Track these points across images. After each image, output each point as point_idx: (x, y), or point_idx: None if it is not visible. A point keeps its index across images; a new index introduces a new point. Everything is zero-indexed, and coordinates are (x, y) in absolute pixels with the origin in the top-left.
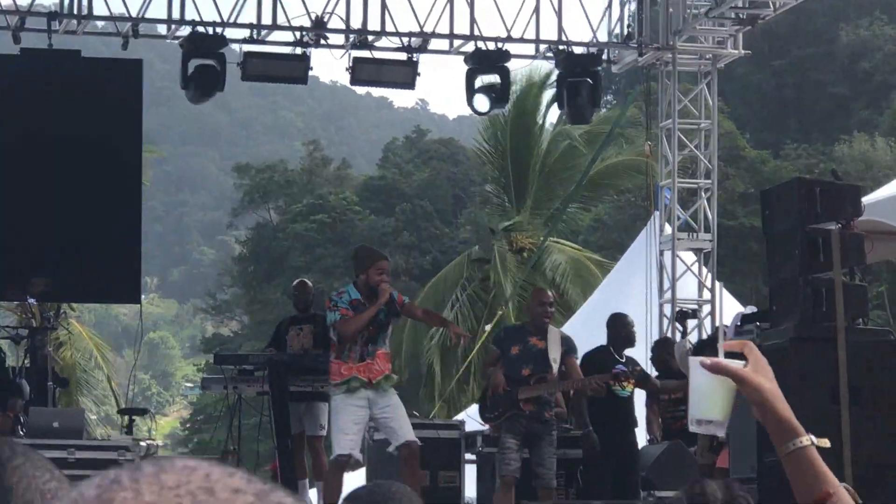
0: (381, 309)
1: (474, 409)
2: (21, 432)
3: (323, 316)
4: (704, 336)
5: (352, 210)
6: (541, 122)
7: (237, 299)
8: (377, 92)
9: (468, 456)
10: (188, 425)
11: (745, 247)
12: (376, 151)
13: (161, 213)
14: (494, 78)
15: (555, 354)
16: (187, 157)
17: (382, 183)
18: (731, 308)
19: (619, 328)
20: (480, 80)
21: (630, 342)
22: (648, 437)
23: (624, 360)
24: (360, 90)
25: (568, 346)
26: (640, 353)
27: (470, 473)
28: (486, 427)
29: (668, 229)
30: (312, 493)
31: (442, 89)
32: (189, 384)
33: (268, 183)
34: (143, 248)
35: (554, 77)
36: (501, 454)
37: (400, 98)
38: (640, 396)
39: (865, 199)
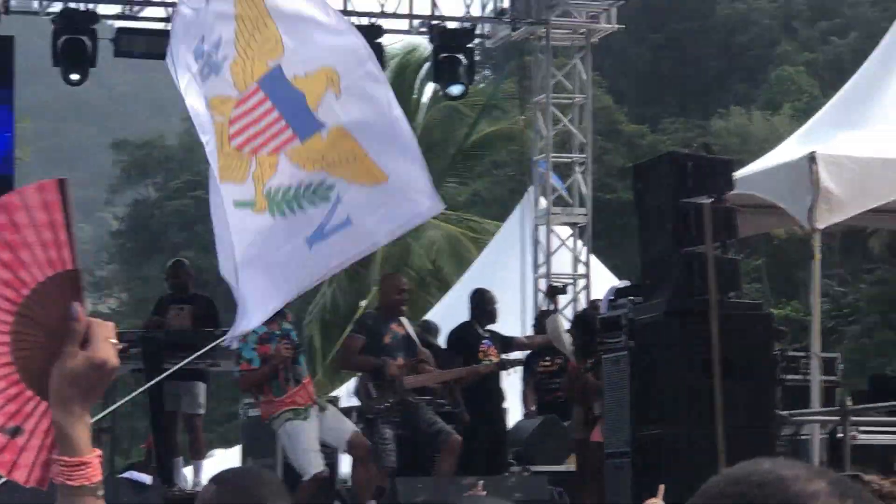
0: (289, 328)
1: (351, 385)
2: None
3: (205, 297)
4: (579, 310)
5: None
6: (416, 96)
7: (115, 276)
8: None
9: None
10: None
11: (624, 221)
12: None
13: None
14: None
15: (414, 336)
16: (65, 133)
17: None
18: (607, 281)
19: (483, 303)
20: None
21: (493, 318)
22: (524, 411)
23: (488, 335)
24: None
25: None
26: (516, 327)
27: None
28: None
29: (542, 204)
30: (187, 471)
31: None
32: None
33: (146, 159)
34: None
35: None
36: (383, 444)
37: None
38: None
39: (740, 173)
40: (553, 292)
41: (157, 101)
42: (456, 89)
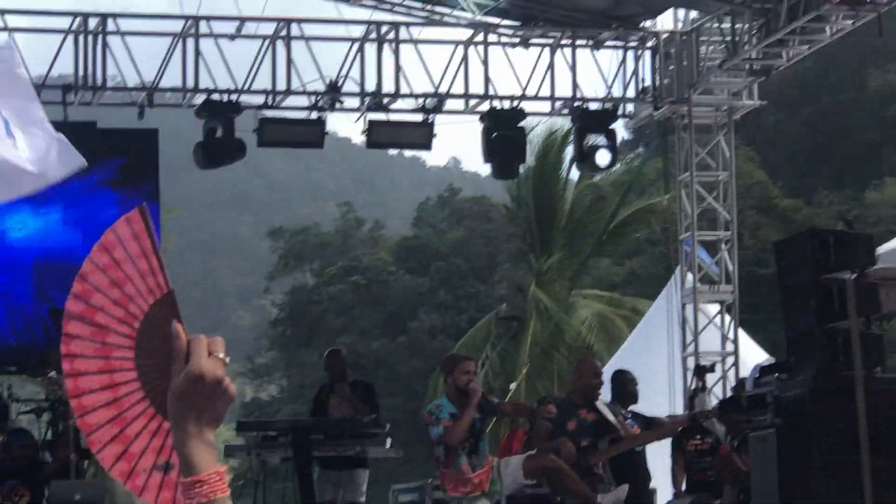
0: (476, 417)
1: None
2: None
3: (363, 382)
4: (729, 387)
5: (387, 271)
6: (564, 177)
7: (275, 363)
8: (408, 151)
9: None
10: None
11: (778, 296)
12: (410, 211)
13: (197, 278)
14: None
15: (611, 418)
16: (220, 221)
17: (416, 242)
18: (757, 358)
19: (624, 385)
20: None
21: (634, 398)
22: (673, 491)
23: (630, 416)
24: (393, 150)
25: (614, 410)
26: (664, 407)
27: None
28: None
29: (689, 282)
30: None
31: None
32: None
33: (302, 246)
34: (180, 314)
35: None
36: None
37: (432, 157)
38: (665, 449)
39: (886, 246)
40: (701, 372)
41: (313, 187)
42: (603, 161)
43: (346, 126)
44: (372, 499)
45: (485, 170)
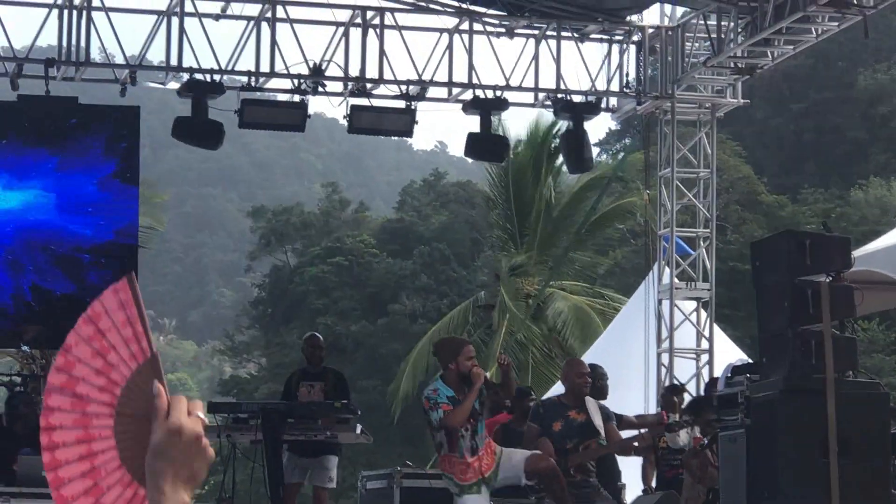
0: (477, 398)
1: None
2: None
3: (335, 371)
4: (702, 384)
5: (369, 253)
6: (545, 168)
7: (255, 341)
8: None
9: None
10: None
11: None
12: (394, 194)
13: (180, 255)
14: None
15: (598, 422)
16: (207, 198)
17: (400, 226)
18: (731, 355)
19: (593, 379)
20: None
21: (603, 394)
22: (643, 487)
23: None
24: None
25: (606, 413)
26: (639, 401)
27: None
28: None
29: (666, 278)
30: None
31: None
32: None
33: (284, 226)
34: (161, 290)
35: (561, 125)
36: None
37: (419, 140)
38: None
39: (864, 250)
40: (675, 392)
41: (299, 167)
42: (580, 164)
43: (336, 108)
44: (343, 481)
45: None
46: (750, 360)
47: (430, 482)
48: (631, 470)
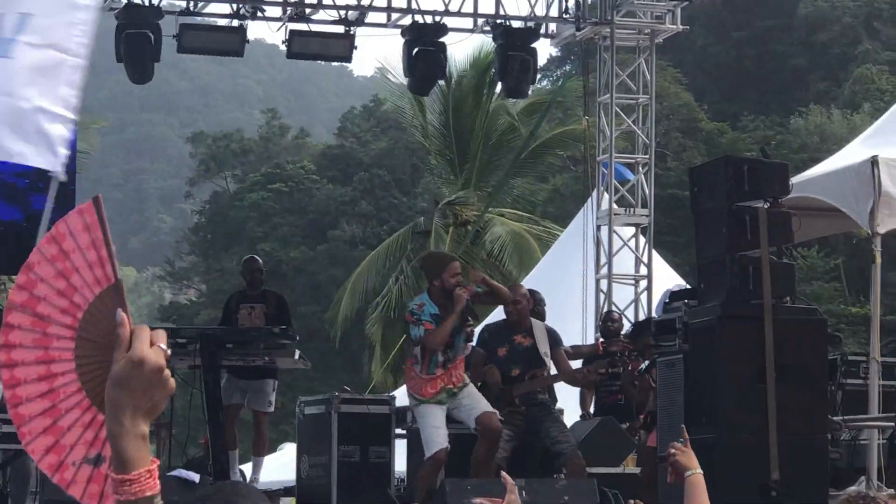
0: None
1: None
2: None
3: (275, 293)
4: (641, 310)
5: (309, 179)
6: (484, 95)
7: (195, 267)
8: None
9: (398, 431)
10: None
11: None
12: (335, 120)
13: (120, 181)
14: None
15: (545, 349)
16: (147, 124)
17: (340, 152)
18: (670, 281)
19: (532, 304)
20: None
21: (541, 318)
22: (581, 412)
23: None
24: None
25: (553, 338)
26: (577, 327)
27: (400, 449)
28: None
29: (605, 205)
30: (246, 468)
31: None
32: None
33: (224, 152)
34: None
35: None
36: None
37: (360, 66)
38: None
39: (803, 176)
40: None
41: (240, 93)
42: (520, 89)
43: (274, 32)
44: (284, 407)
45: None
46: (688, 286)
47: (369, 407)
48: (569, 396)
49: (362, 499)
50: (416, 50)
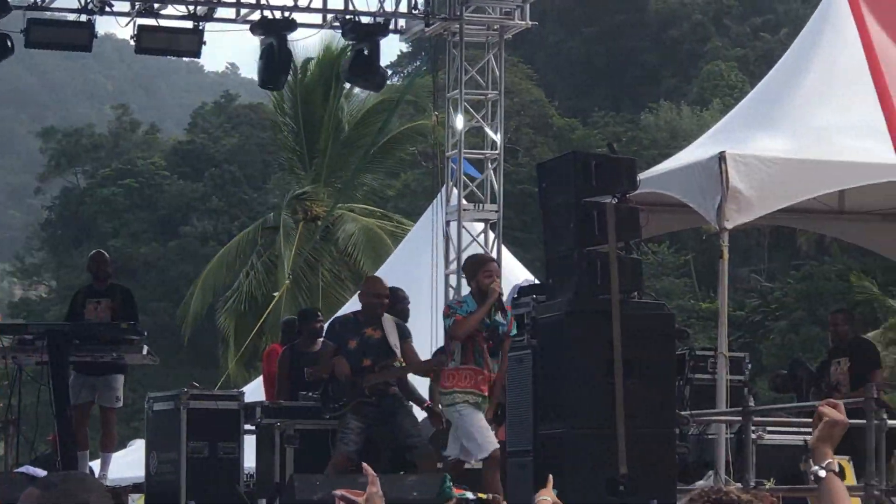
0: (500, 322)
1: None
2: None
3: (121, 287)
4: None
5: (160, 175)
6: (333, 91)
7: (45, 263)
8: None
9: (247, 427)
10: None
11: None
12: (186, 116)
13: None
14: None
15: (394, 341)
16: None
17: (191, 148)
18: (519, 277)
19: (393, 303)
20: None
21: (404, 317)
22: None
23: None
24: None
25: (402, 331)
26: (427, 322)
27: (249, 444)
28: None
29: (454, 200)
30: (95, 465)
31: (254, 54)
32: None
33: (74, 147)
34: None
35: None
36: (343, 433)
37: (211, 62)
38: None
39: (651, 171)
40: None
41: (90, 88)
42: (370, 85)
43: (123, 27)
44: (134, 404)
45: None
46: (537, 282)
47: (217, 403)
48: (420, 390)
49: (211, 494)
50: (265, 45)
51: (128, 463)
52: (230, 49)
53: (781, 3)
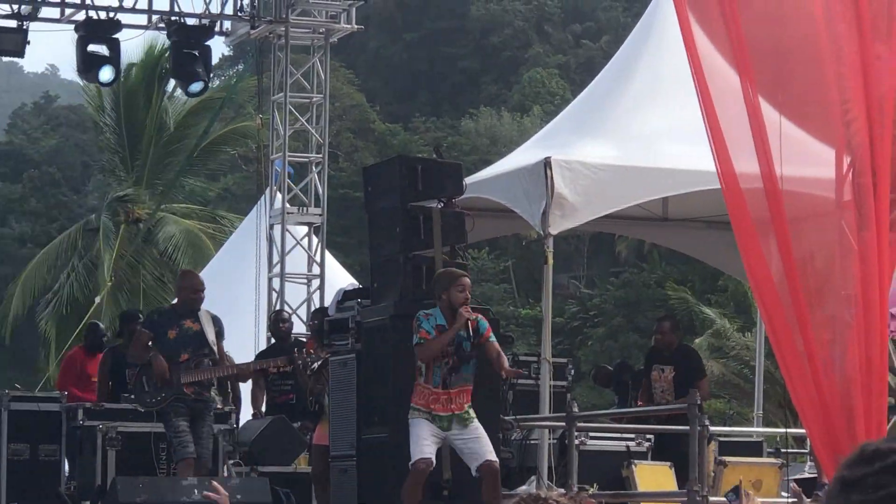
0: (466, 338)
1: None
2: None
3: None
4: (313, 308)
5: None
6: (155, 92)
7: None
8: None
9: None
10: None
11: None
12: (4, 117)
13: None
14: (103, 49)
15: (211, 336)
16: None
17: (10, 149)
18: (342, 281)
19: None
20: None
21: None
22: (253, 411)
23: None
24: None
25: (219, 327)
26: (250, 325)
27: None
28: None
29: (278, 203)
30: None
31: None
32: None
33: None
34: None
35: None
36: (176, 437)
37: (30, 63)
38: None
39: (477, 176)
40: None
41: None
42: (195, 87)
43: None
44: None
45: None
46: (361, 286)
47: (39, 405)
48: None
49: (32, 497)
50: (89, 46)
51: None
52: (50, 50)
53: (603, 10)
